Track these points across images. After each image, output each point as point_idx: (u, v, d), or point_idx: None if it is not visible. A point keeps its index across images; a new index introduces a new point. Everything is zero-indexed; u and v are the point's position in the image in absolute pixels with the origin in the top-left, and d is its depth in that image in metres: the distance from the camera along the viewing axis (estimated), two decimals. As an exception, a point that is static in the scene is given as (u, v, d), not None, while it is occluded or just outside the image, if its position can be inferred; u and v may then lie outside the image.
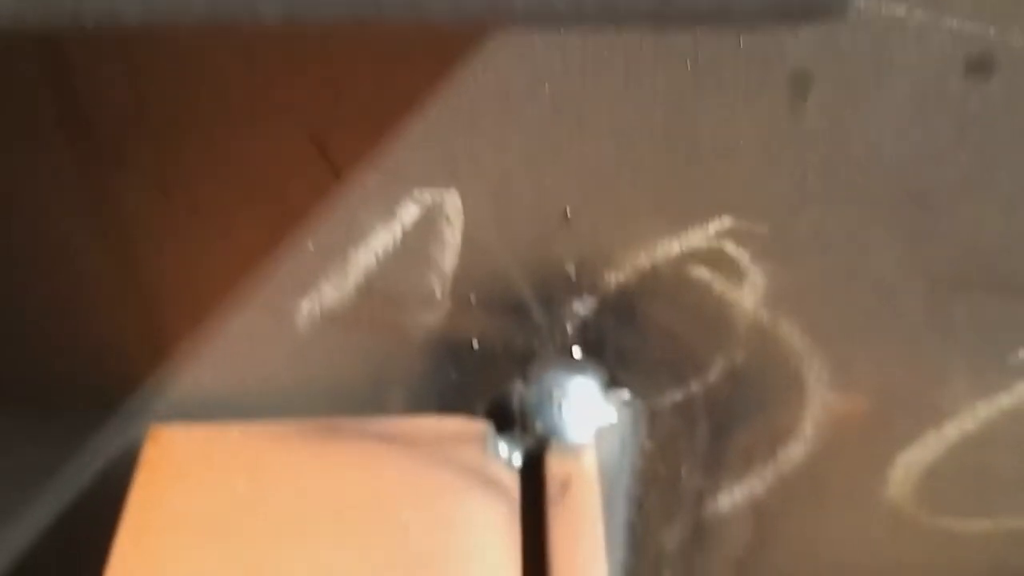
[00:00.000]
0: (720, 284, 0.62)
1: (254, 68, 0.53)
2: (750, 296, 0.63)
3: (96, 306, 0.63)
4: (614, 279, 0.62)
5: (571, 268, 0.61)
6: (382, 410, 0.68)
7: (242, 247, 0.60)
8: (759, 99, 0.55)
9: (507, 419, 0.68)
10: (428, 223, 0.59)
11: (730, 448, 0.72)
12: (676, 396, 0.69)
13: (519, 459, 0.66)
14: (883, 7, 0.52)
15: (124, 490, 0.62)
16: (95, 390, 0.67)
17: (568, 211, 0.58)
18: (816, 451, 0.72)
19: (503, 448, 0.66)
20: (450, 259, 0.60)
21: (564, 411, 0.67)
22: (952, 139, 0.56)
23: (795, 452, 0.72)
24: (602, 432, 0.68)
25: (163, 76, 0.54)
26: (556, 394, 0.67)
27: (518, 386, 0.67)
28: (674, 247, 0.60)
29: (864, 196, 0.58)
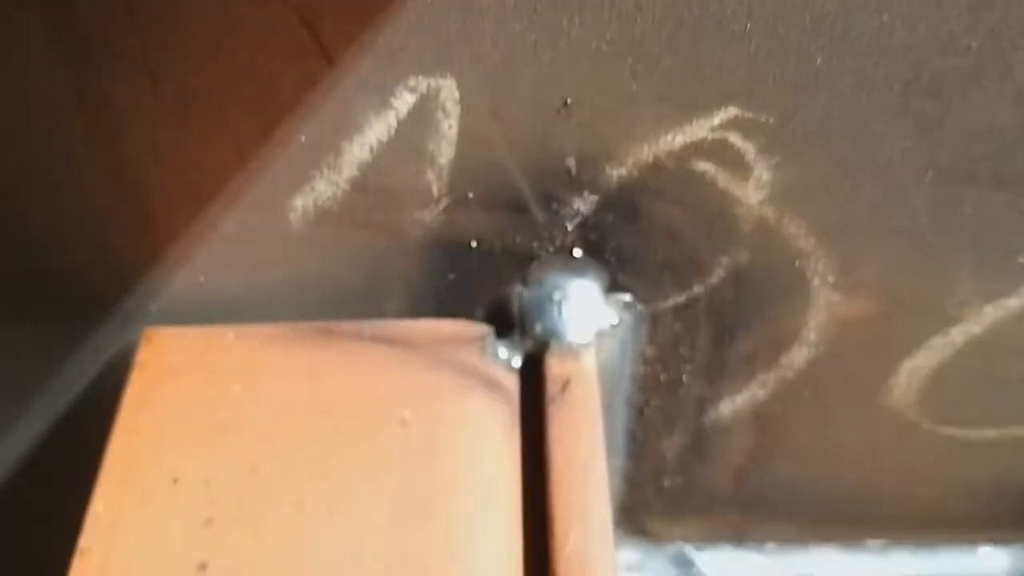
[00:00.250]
0: (724, 179, 0.60)
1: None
2: (755, 192, 0.61)
3: (86, 205, 0.62)
4: (615, 174, 0.60)
5: (571, 162, 0.60)
6: (379, 314, 0.67)
7: (233, 140, 0.58)
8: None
9: (507, 323, 0.67)
10: (424, 113, 0.57)
11: (732, 354, 0.71)
12: (678, 299, 0.68)
13: (519, 361, 0.65)
14: None
15: (121, 393, 0.61)
16: (89, 294, 0.66)
17: (568, 100, 0.56)
18: (819, 356, 0.71)
19: (502, 350, 0.65)
20: (447, 152, 0.59)
21: (564, 314, 0.66)
22: (964, 24, 0.54)
23: (798, 357, 0.71)
24: (602, 336, 0.67)
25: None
26: (556, 296, 0.66)
27: (517, 289, 0.66)
28: (677, 139, 0.58)
29: (872, 83, 0.56)
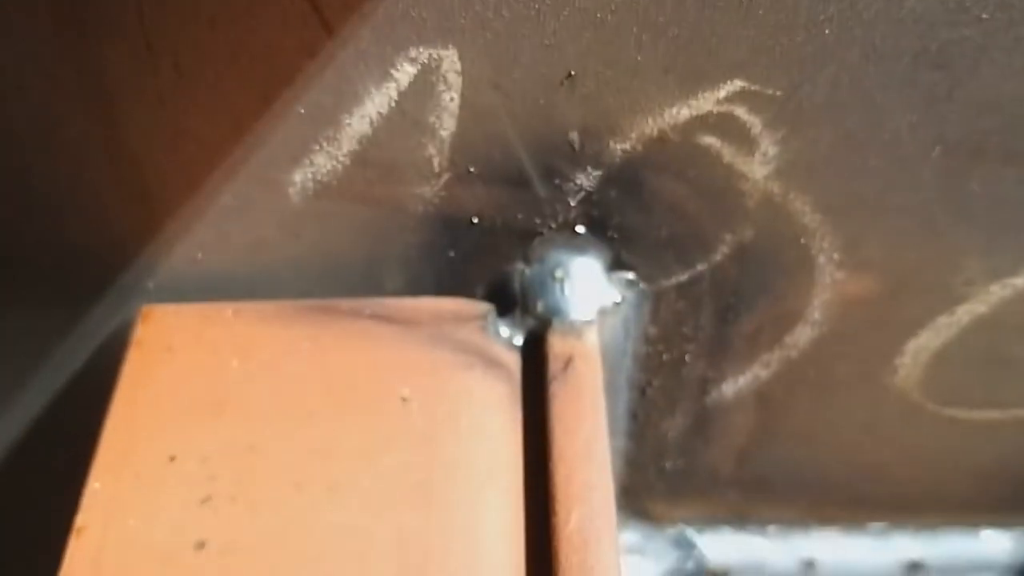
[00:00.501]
0: (730, 153, 0.59)
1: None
2: (761, 167, 0.60)
3: (82, 180, 0.61)
4: (619, 148, 0.59)
5: (575, 136, 0.59)
6: (379, 292, 0.66)
7: (231, 112, 0.57)
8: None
9: (508, 301, 0.66)
10: (425, 85, 0.56)
11: (735, 333, 0.70)
12: (681, 277, 0.67)
13: (520, 340, 0.64)
14: None
15: (118, 371, 0.60)
16: (86, 271, 0.65)
17: (572, 72, 0.55)
18: (823, 336, 0.70)
19: (504, 329, 0.64)
20: (448, 125, 0.58)
21: (566, 291, 0.65)
22: (975, -6, 0.54)
23: (802, 337, 0.70)
24: (605, 314, 0.67)
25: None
26: (558, 274, 0.65)
27: (519, 266, 0.65)
28: (683, 113, 0.58)
29: (881, 55, 0.55)
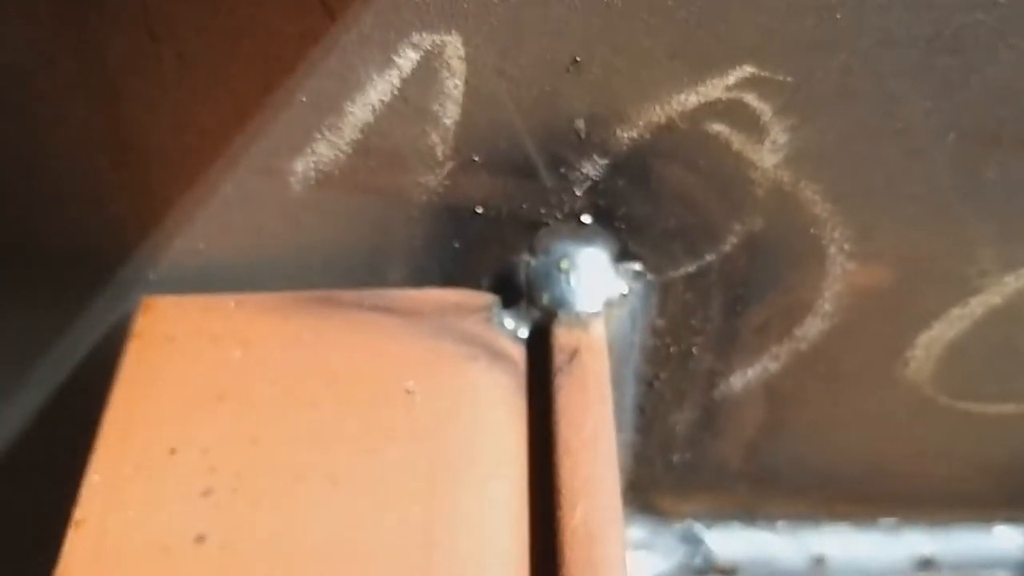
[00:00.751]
0: (739, 141, 0.58)
1: None
2: (770, 155, 0.59)
3: (83, 169, 0.60)
4: (626, 136, 0.58)
5: (581, 124, 0.58)
6: (382, 283, 0.65)
7: (233, 100, 0.56)
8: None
9: (513, 292, 0.65)
10: (428, 72, 0.55)
11: (744, 325, 0.69)
12: (689, 268, 0.66)
13: (525, 331, 0.63)
14: None
15: (119, 363, 0.60)
16: (86, 262, 0.64)
17: (578, 58, 0.54)
18: (834, 328, 0.69)
19: (509, 320, 0.63)
20: (452, 113, 0.57)
21: (572, 283, 0.64)
22: (991, -23, 0.53)
23: (812, 329, 0.69)
24: (611, 306, 0.66)
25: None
26: (564, 265, 0.64)
27: (524, 257, 0.64)
28: (691, 99, 0.56)
29: (894, 40, 0.54)
